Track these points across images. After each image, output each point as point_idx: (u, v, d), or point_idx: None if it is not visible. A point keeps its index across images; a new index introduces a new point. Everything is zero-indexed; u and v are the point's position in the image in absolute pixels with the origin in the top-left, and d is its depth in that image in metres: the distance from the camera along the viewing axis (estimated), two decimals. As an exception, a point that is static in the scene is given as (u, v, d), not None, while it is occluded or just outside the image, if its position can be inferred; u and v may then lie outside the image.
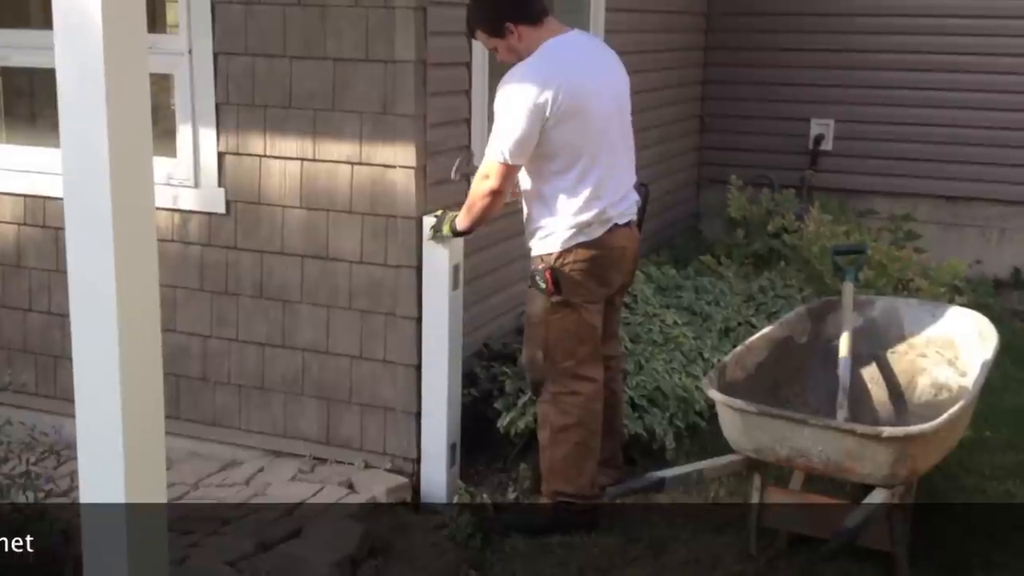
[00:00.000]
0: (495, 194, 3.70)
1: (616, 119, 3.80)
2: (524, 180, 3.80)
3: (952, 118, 7.22)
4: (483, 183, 3.71)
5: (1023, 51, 7.04)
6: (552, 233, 3.74)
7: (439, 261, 3.99)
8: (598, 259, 3.75)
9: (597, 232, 3.73)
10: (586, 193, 3.68)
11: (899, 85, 7.29)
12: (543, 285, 3.74)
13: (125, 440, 2.81)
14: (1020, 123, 7.07)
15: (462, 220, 3.83)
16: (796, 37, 7.50)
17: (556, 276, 3.72)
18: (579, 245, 3.72)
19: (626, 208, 3.84)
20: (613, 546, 3.74)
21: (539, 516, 3.88)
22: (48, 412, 4.27)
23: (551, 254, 3.74)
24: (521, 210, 3.91)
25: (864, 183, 7.42)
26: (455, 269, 4.03)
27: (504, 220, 4.68)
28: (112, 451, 2.82)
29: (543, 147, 3.65)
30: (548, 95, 3.55)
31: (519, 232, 4.77)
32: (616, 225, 3.77)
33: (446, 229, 3.89)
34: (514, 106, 3.58)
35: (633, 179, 3.92)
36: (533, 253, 3.82)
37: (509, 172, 3.67)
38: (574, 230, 3.71)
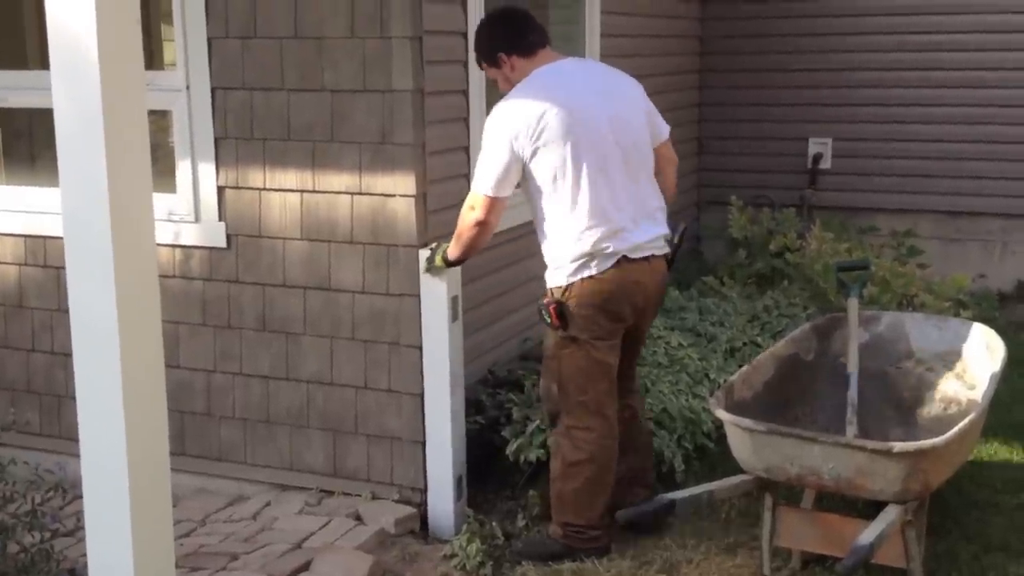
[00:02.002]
0: (481, 225, 3.68)
1: (615, 147, 3.67)
2: (533, 210, 3.77)
3: (951, 133, 7.22)
4: (469, 214, 3.69)
5: (1022, 65, 7.05)
6: (559, 267, 3.69)
7: (437, 293, 3.97)
8: (606, 294, 3.64)
9: (604, 265, 3.63)
10: (582, 222, 3.61)
11: (897, 102, 7.30)
12: (548, 319, 3.69)
13: (130, 478, 2.79)
14: (1021, 136, 7.07)
15: (452, 250, 3.81)
16: (791, 58, 7.53)
17: (561, 311, 3.66)
18: (585, 279, 3.64)
19: (640, 241, 3.68)
20: (625, 570, 3.70)
21: (551, 543, 3.83)
22: (53, 452, 4.24)
23: (559, 287, 3.68)
24: (522, 237, 3.89)
25: (865, 200, 7.42)
26: (454, 300, 4.01)
27: (506, 246, 4.69)
28: (118, 489, 2.80)
29: (532, 175, 3.63)
30: (529, 123, 3.56)
31: (520, 259, 4.79)
32: (626, 259, 3.65)
33: (438, 260, 3.87)
34: (494, 137, 3.61)
35: (651, 210, 3.76)
36: (547, 285, 3.76)
37: (494, 204, 3.65)
38: (578, 263, 3.63)
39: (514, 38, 3.74)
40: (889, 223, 7.23)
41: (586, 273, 3.64)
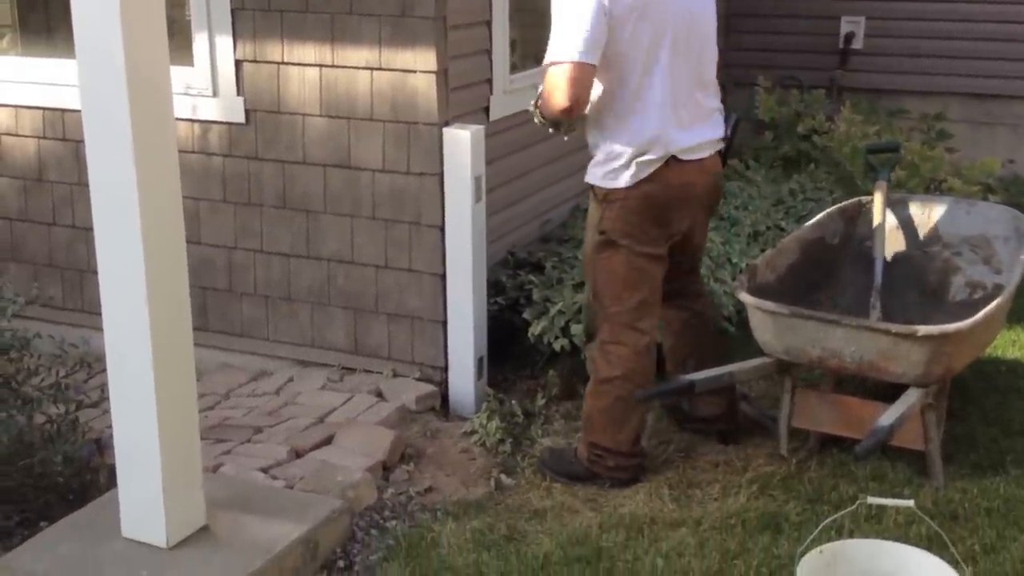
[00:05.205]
0: (568, 112, 3.21)
1: (681, 36, 3.33)
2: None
3: (985, 13, 6.99)
4: (551, 102, 3.23)
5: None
6: (601, 163, 3.38)
7: (461, 173, 3.91)
8: (652, 197, 3.35)
9: (647, 169, 3.32)
10: (632, 117, 3.31)
11: (933, -22, 7.06)
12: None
13: (154, 352, 2.81)
14: (1056, 17, 6.86)
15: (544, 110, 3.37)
16: (825, -71, 7.26)
17: (603, 211, 3.38)
18: (630, 186, 3.33)
19: (693, 142, 3.39)
20: (645, 449, 3.74)
21: (575, 463, 3.62)
22: (76, 325, 4.29)
23: (600, 189, 3.39)
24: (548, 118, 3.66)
25: (895, 82, 7.24)
26: (477, 181, 3.96)
27: (529, 125, 4.61)
28: (142, 363, 2.82)
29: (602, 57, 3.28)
30: None
31: (543, 138, 4.70)
32: (675, 159, 3.34)
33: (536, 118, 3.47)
34: (577, 2, 3.20)
35: (707, 112, 3.46)
36: (586, 178, 3.47)
37: (580, 74, 3.16)
38: (622, 161, 3.32)
39: None
40: (919, 106, 7.07)
41: (628, 173, 3.32)
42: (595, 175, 3.43)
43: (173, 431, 2.90)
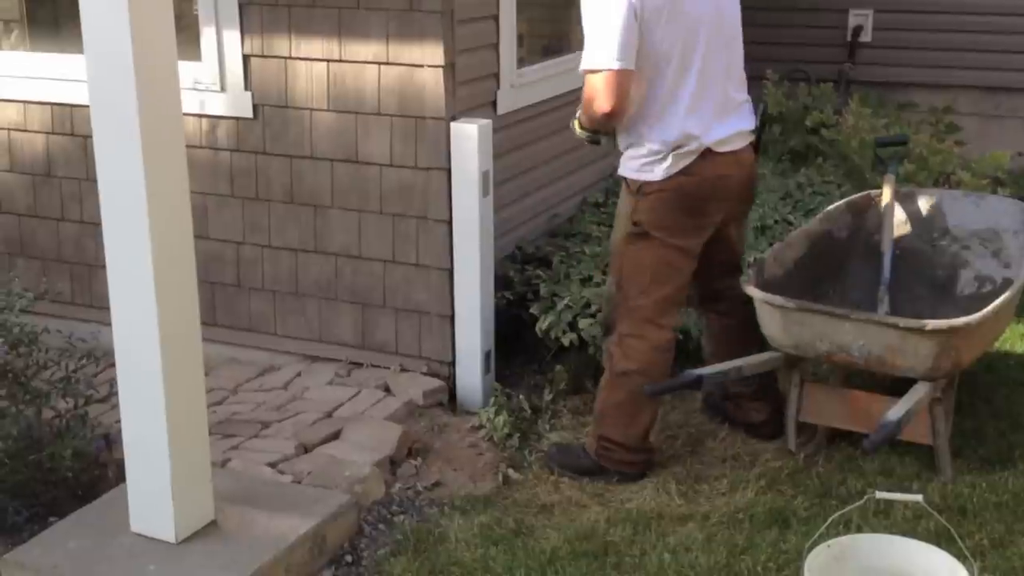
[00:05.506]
0: (610, 116, 3.26)
1: (712, 32, 3.35)
2: None
3: (994, 6, 6.97)
4: (592, 107, 3.27)
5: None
6: (636, 157, 3.38)
7: (468, 168, 3.91)
8: (688, 189, 3.35)
9: (683, 162, 3.33)
10: (672, 112, 3.31)
11: (941, -30, 7.04)
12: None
13: (162, 347, 2.82)
14: (1065, 10, 6.83)
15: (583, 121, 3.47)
16: (833, -78, 7.23)
17: (636, 203, 3.39)
18: (665, 179, 3.34)
19: (726, 134, 3.40)
20: (653, 444, 3.73)
21: (583, 457, 3.62)
22: (85, 320, 4.30)
23: (634, 181, 3.39)
24: (554, 111, 3.71)
25: (904, 75, 7.22)
26: (484, 176, 3.96)
27: (537, 119, 4.62)
28: (150, 356, 2.83)
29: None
30: None
31: (551, 132, 4.71)
32: (710, 151, 3.36)
33: (578, 130, 3.54)
34: (608, 5, 3.21)
35: (738, 100, 3.49)
36: (619, 172, 3.49)
37: (620, 81, 3.20)
38: (657, 157, 3.33)
39: None
40: (928, 99, 7.04)
41: (664, 166, 3.33)
42: (629, 168, 3.43)
43: (182, 426, 2.91)
